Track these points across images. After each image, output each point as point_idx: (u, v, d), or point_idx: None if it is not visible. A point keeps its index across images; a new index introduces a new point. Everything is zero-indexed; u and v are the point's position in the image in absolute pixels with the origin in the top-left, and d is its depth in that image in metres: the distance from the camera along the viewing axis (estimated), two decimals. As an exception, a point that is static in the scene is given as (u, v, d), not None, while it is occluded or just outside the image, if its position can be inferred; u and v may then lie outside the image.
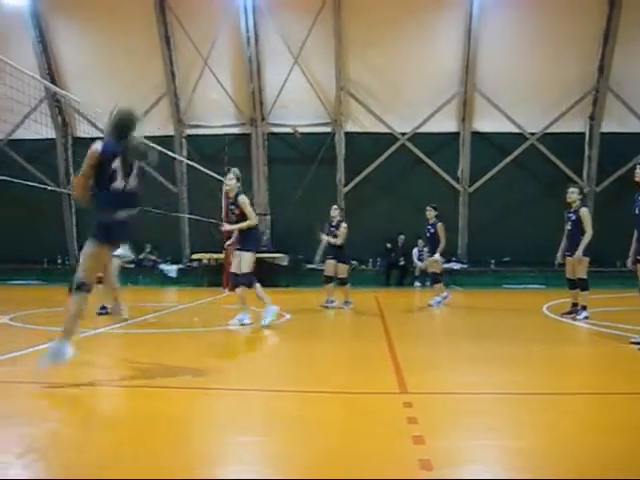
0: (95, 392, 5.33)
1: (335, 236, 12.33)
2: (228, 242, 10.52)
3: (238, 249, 9.57)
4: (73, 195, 5.54)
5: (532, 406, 4.90)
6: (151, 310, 11.62)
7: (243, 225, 9.42)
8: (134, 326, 9.49)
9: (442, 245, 12.58)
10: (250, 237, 9.50)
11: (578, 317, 10.07)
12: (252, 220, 9.37)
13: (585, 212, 10.34)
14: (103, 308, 10.62)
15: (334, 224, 12.52)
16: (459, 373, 6.20)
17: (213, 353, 7.15)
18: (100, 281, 9.89)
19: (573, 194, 10.45)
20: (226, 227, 10.06)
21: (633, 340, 7.58)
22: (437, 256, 12.61)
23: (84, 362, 5.97)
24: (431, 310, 12.51)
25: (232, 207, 9.61)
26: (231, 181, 9.43)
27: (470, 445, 3.87)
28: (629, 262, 8.55)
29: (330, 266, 12.51)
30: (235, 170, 9.65)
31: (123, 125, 5.54)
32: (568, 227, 10.50)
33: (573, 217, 10.40)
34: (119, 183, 5.45)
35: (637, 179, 9.57)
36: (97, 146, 5.42)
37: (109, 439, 3.94)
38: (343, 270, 12.53)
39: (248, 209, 9.35)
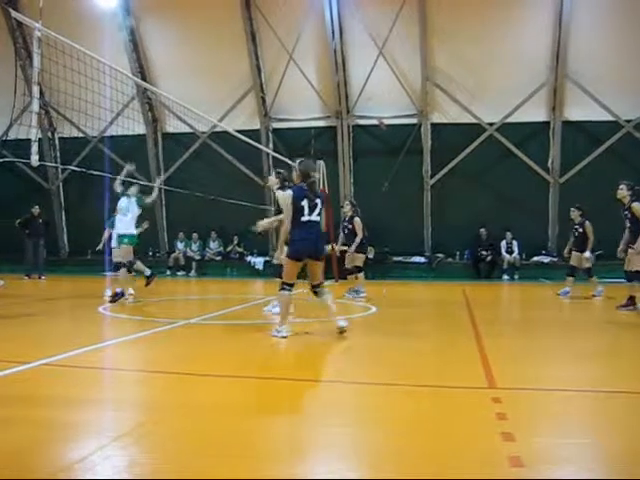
0: (184, 380, 5.43)
1: (353, 233, 13.05)
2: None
3: None
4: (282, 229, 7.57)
5: (628, 405, 4.67)
6: (238, 302, 11.81)
7: (279, 217, 9.31)
8: (221, 317, 9.65)
9: (591, 242, 13.03)
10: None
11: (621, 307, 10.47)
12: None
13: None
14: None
15: (347, 219, 13.12)
16: (550, 368, 6.01)
17: (299, 345, 7.18)
18: None
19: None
20: (259, 224, 9.61)
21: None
22: (587, 254, 13.05)
23: (173, 351, 6.10)
24: (517, 302, 12.30)
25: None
26: (271, 176, 10.03)
27: (563, 444, 3.70)
28: None
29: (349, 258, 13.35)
30: (280, 171, 10.15)
31: (306, 173, 7.48)
32: None
33: None
34: (306, 216, 7.31)
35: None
36: (289, 191, 7.61)
37: (197, 428, 4.00)
38: (359, 259, 13.30)
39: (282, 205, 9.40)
